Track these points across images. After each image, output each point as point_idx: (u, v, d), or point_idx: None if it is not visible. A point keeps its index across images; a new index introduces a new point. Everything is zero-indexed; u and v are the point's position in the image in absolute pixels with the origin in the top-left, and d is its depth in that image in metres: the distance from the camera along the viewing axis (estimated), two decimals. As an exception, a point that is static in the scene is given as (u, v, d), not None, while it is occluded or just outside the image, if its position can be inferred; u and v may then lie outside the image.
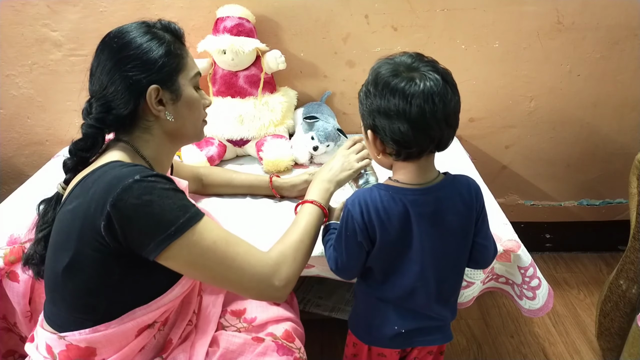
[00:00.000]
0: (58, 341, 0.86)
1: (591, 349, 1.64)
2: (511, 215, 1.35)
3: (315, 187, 1.07)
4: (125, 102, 0.88)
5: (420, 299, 0.96)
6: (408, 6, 1.64)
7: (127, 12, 1.63)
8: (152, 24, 0.93)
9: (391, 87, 0.83)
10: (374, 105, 0.86)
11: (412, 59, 0.87)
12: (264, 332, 1.08)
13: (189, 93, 0.94)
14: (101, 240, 0.79)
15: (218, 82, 1.61)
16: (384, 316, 0.99)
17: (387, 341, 1.00)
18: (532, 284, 1.17)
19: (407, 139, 0.84)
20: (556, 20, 1.67)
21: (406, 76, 0.84)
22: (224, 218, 1.27)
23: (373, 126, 0.88)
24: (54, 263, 0.85)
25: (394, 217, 0.89)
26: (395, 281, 0.95)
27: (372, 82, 0.88)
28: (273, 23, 1.67)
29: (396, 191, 0.90)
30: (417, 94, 0.81)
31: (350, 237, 0.91)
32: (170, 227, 0.79)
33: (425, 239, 0.91)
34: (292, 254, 0.91)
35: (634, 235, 1.36)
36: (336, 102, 1.81)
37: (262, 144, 1.56)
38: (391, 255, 0.93)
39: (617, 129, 1.86)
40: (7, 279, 1.09)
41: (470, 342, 1.68)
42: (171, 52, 0.90)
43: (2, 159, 1.89)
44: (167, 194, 0.81)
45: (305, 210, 1.01)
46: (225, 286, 0.87)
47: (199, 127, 1.01)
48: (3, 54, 1.69)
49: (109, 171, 0.82)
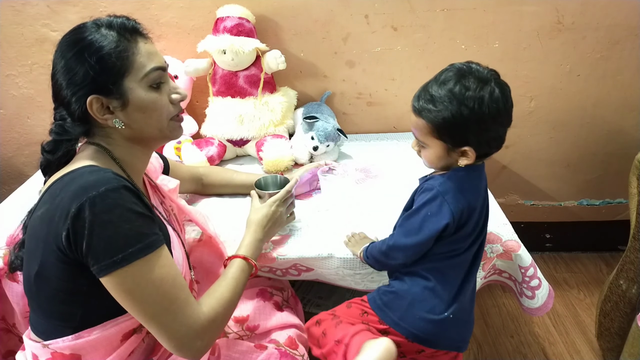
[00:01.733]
0: (43, 350, 0.85)
1: (591, 349, 1.64)
2: (511, 215, 1.35)
3: (249, 243, 1.06)
4: (74, 112, 0.85)
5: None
6: (408, 6, 1.64)
7: (127, 12, 1.59)
8: (95, 23, 0.86)
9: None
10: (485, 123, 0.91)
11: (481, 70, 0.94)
12: (267, 339, 1.08)
13: (139, 96, 0.86)
14: (63, 250, 0.77)
15: (218, 82, 1.61)
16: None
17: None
18: (532, 284, 1.18)
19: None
20: (556, 20, 1.67)
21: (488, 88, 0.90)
22: (223, 218, 1.28)
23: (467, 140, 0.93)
24: (28, 270, 0.84)
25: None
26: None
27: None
28: (273, 23, 1.67)
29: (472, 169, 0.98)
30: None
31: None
32: (117, 254, 0.75)
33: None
34: (222, 316, 0.88)
35: (634, 235, 1.36)
36: (336, 102, 1.81)
37: (262, 144, 1.56)
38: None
39: (617, 129, 1.86)
40: (6, 279, 1.09)
41: (470, 342, 1.68)
42: (107, 57, 0.82)
43: (2, 159, 1.89)
44: (128, 216, 0.77)
45: (238, 266, 0.99)
46: (150, 326, 0.80)
47: (165, 128, 0.91)
48: (3, 54, 1.69)
49: (76, 178, 0.79)
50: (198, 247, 1.16)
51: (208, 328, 0.84)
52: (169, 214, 1.06)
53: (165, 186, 1.09)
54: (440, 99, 0.90)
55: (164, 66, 0.90)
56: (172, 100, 0.92)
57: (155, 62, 0.88)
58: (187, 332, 0.81)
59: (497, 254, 1.15)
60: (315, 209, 1.32)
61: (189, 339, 0.82)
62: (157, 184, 1.08)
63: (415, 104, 0.95)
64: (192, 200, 1.37)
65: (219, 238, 1.13)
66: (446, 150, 0.95)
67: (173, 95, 0.92)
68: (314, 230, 1.23)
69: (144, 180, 1.02)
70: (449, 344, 1.02)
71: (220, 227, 1.23)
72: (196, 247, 1.16)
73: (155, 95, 0.88)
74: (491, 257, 1.15)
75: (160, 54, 0.92)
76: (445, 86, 0.90)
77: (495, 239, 1.17)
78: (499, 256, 1.16)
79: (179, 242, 0.98)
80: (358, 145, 1.71)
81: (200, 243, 1.17)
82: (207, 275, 1.14)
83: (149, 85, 0.87)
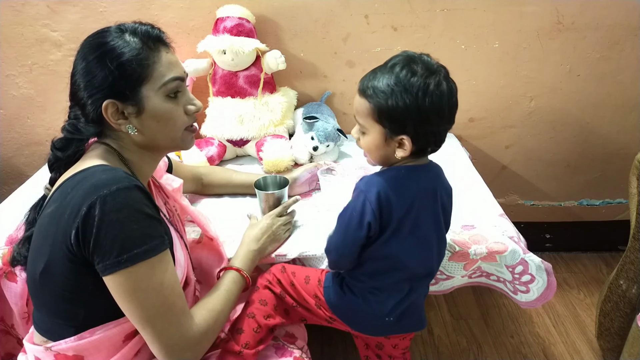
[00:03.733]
0: (45, 353, 0.85)
1: (591, 349, 1.64)
2: (511, 215, 1.35)
3: (243, 255, 1.06)
4: (89, 114, 0.86)
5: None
6: (408, 6, 1.64)
7: (127, 12, 1.63)
8: (119, 28, 0.87)
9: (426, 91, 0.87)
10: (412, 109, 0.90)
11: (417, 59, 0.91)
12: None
13: (154, 105, 0.87)
14: (71, 248, 0.77)
15: (218, 82, 1.61)
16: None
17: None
18: (523, 279, 1.17)
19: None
20: (556, 20, 1.67)
21: (431, 80, 0.88)
22: (223, 218, 1.28)
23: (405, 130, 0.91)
24: (33, 267, 0.84)
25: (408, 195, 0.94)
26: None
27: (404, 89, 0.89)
28: (273, 23, 1.67)
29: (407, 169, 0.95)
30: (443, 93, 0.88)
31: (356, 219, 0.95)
32: (123, 255, 0.76)
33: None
34: (213, 328, 0.88)
35: (634, 235, 1.35)
36: (336, 102, 1.81)
37: (262, 144, 1.56)
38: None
39: (617, 129, 1.86)
40: (5, 279, 1.09)
41: (470, 342, 1.68)
42: (129, 64, 0.83)
43: (2, 159, 1.89)
44: (136, 217, 0.78)
45: (231, 278, 1.00)
46: (144, 330, 0.80)
47: (177, 138, 0.92)
48: (3, 54, 1.69)
49: (88, 177, 0.80)
50: (197, 248, 1.15)
51: (199, 340, 0.85)
52: (172, 215, 1.06)
53: (170, 185, 1.09)
54: (385, 81, 0.89)
55: (182, 76, 0.91)
56: (188, 111, 0.92)
57: (175, 72, 0.89)
58: (179, 341, 0.82)
59: (480, 256, 1.14)
60: (315, 209, 1.32)
61: (180, 348, 0.82)
62: (160, 183, 1.08)
63: (360, 84, 0.94)
64: (193, 200, 1.37)
65: (219, 240, 1.13)
66: (384, 138, 0.92)
67: (189, 106, 0.92)
68: (313, 230, 1.23)
69: (149, 181, 1.02)
70: (394, 333, 1.07)
71: (220, 227, 1.23)
72: (195, 248, 1.16)
73: (171, 105, 0.89)
74: (474, 259, 1.14)
75: (181, 64, 0.93)
76: (392, 70, 0.90)
77: (481, 240, 1.16)
78: (482, 259, 1.15)
79: (181, 244, 0.98)
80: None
81: (199, 245, 1.17)
82: (206, 276, 1.14)
83: (166, 95, 0.88)
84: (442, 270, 1.18)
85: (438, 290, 1.23)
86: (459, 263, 1.16)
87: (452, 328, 1.74)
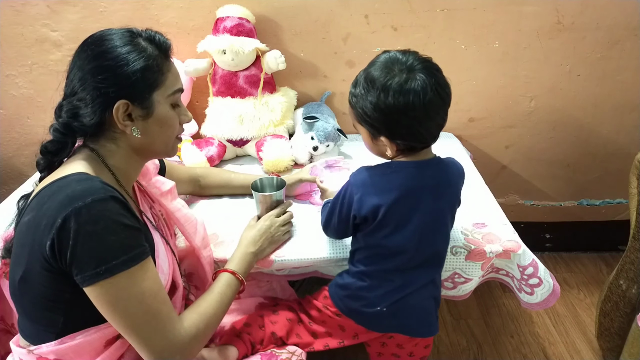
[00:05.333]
0: (28, 355, 0.86)
1: (591, 349, 1.64)
2: (511, 215, 1.35)
3: (239, 257, 1.06)
4: (92, 112, 0.84)
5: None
6: (408, 6, 1.64)
7: (127, 12, 1.63)
8: (137, 32, 0.88)
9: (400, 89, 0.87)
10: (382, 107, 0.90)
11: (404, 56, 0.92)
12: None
13: (162, 111, 0.90)
14: (47, 258, 0.77)
15: (218, 82, 1.61)
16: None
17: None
18: (531, 282, 1.18)
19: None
20: (556, 20, 1.67)
21: (408, 76, 0.87)
22: (223, 219, 1.27)
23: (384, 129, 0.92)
24: (13, 273, 0.84)
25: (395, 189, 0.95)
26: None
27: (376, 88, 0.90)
28: (273, 23, 1.67)
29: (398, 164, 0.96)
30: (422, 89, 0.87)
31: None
32: (101, 266, 0.75)
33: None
34: (203, 331, 0.88)
35: (634, 235, 1.36)
36: (336, 102, 1.81)
37: (262, 144, 1.56)
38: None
39: (617, 129, 1.86)
40: (4, 279, 1.09)
41: (470, 342, 1.68)
42: (149, 68, 0.86)
43: (2, 159, 1.89)
44: (113, 228, 0.77)
45: (225, 281, 0.99)
46: (130, 338, 0.80)
47: (169, 145, 0.96)
48: (3, 54, 1.69)
49: (63, 187, 0.79)
50: (193, 253, 1.13)
51: (188, 344, 0.84)
52: (157, 219, 1.04)
53: (158, 189, 1.07)
54: (359, 84, 0.91)
55: (183, 89, 0.95)
56: (181, 122, 0.97)
57: (180, 84, 0.94)
58: (167, 347, 0.81)
59: (496, 254, 1.15)
60: (315, 209, 1.32)
61: (168, 354, 0.81)
62: (145, 187, 1.06)
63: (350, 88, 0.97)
64: (191, 201, 1.36)
65: (202, 251, 1.10)
66: (371, 138, 0.95)
67: (183, 117, 0.96)
68: (313, 230, 1.22)
69: (133, 185, 1.01)
70: (394, 330, 1.06)
71: (220, 227, 1.23)
72: (192, 253, 1.13)
73: (173, 113, 0.93)
74: (490, 256, 1.15)
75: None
76: (366, 71, 0.91)
77: (495, 239, 1.17)
78: (497, 256, 1.16)
79: (165, 249, 0.97)
80: (358, 145, 1.70)
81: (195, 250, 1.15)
82: (202, 282, 1.12)
83: (170, 104, 0.92)
84: (460, 274, 1.17)
85: (457, 295, 1.22)
86: (476, 263, 1.16)
87: (452, 328, 1.74)
